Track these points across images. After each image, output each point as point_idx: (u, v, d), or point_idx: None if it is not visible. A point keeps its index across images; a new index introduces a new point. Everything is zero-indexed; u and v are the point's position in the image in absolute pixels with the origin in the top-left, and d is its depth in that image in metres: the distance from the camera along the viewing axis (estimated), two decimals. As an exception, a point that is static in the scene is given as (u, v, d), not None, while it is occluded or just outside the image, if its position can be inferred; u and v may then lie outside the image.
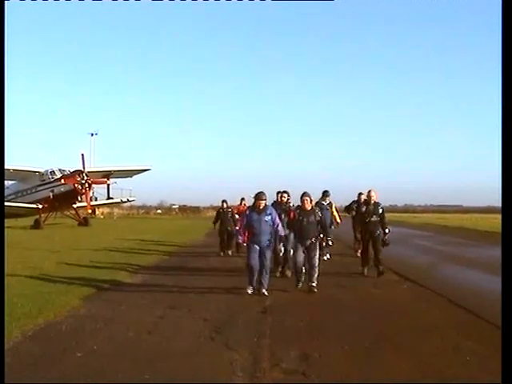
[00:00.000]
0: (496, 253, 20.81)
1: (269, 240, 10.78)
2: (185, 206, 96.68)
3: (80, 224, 44.70)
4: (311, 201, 11.51)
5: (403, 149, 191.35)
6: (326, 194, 17.76)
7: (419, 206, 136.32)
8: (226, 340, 7.19)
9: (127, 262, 16.03)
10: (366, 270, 13.44)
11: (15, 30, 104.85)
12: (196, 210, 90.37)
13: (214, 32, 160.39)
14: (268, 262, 10.79)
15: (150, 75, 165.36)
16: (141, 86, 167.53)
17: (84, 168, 42.72)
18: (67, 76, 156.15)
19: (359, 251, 17.08)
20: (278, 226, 10.83)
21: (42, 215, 42.51)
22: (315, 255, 11.16)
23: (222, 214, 19.43)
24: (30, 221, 41.19)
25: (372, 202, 13.42)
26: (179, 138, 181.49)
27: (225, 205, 19.44)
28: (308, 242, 11.16)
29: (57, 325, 8.04)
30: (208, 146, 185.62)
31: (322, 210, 13.85)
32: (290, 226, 11.79)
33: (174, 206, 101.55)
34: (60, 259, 16.52)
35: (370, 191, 13.62)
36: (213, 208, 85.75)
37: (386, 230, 13.30)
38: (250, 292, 10.52)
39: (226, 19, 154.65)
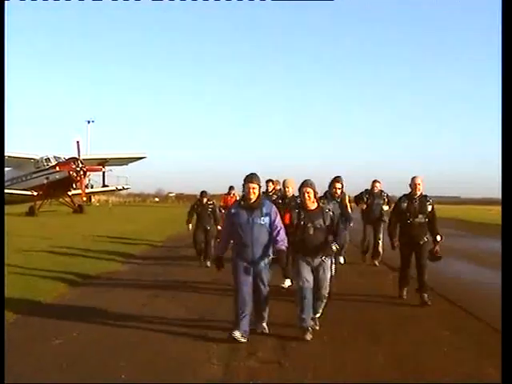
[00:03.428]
0: (486, 244, 20.93)
1: (266, 255, 7.05)
2: (182, 194, 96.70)
3: (75, 211, 44.87)
4: (316, 194, 7.36)
5: (401, 139, 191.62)
6: (337, 180, 12.12)
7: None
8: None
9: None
10: (405, 292, 9.64)
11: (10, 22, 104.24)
12: (193, 197, 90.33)
13: (212, 28, 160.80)
14: (266, 289, 7.10)
15: (146, 63, 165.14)
16: (138, 74, 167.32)
17: (79, 155, 42.67)
18: (64, 64, 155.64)
19: (367, 254, 14.36)
20: (278, 232, 6.98)
21: (37, 202, 42.48)
22: (326, 280, 7.23)
23: (199, 208, 14.39)
24: (25, 207, 41.12)
25: (418, 194, 9.35)
26: (178, 126, 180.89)
27: (204, 199, 14.39)
28: (317, 261, 7.16)
29: None
30: (207, 134, 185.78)
31: (331, 202, 10.28)
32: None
33: (170, 194, 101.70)
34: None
35: (414, 178, 9.39)
36: (211, 196, 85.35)
37: (438, 238, 9.18)
38: (241, 339, 6.71)
39: (221, 16, 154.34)
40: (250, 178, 7.05)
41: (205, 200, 14.39)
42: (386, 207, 14.03)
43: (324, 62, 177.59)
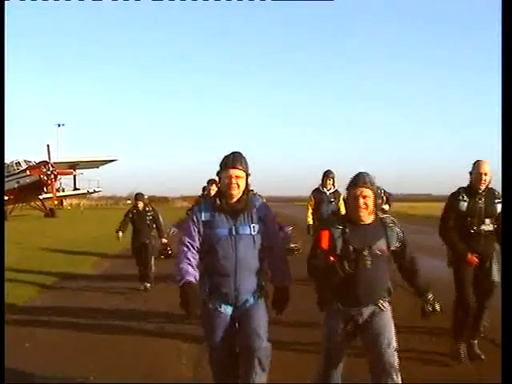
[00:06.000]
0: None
1: (259, 286, 4.32)
2: (154, 196, 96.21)
3: (46, 215, 44.59)
4: (376, 200, 4.24)
5: (375, 137, 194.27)
6: (327, 175, 10.53)
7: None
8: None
9: None
10: (463, 351, 6.06)
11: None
12: (164, 200, 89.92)
13: (196, 28, 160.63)
14: (265, 344, 4.19)
15: (116, 66, 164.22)
16: (108, 76, 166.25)
17: (49, 159, 42.30)
18: (35, 68, 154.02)
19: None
20: (278, 253, 4.44)
21: (8, 207, 41.97)
22: (391, 350, 4.12)
23: (134, 216, 10.89)
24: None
25: (482, 187, 5.97)
26: (148, 127, 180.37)
27: (140, 204, 10.84)
28: (367, 312, 4.23)
29: None
30: (180, 134, 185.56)
31: (322, 202, 10.14)
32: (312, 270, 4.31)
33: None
34: None
35: (480, 164, 5.99)
36: (182, 198, 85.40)
37: None
38: None
39: (211, 16, 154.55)
40: (232, 160, 4.23)
41: (140, 205, 10.84)
42: (386, 207, 10.95)
43: (324, 62, 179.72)
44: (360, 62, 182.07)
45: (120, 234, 10.94)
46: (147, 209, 10.90)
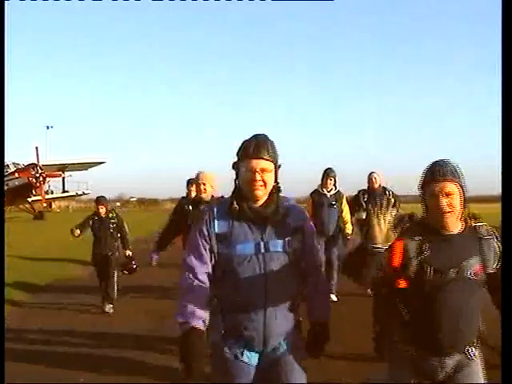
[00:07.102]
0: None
1: (294, 325, 3.01)
2: (143, 198, 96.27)
3: (35, 218, 44.45)
4: (463, 195, 2.87)
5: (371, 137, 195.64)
6: (328, 174, 9.08)
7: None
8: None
9: None
10: None
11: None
12: (154, 202, 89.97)
13: (192, 28, 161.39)
14: None
15: (106, 67, 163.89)
16: (97, 78, 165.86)
17: (38, 161, 42.31)
18: (25, 69, 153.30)
19: None
20: (317, 276, 3.12)
21: (-4, 210, 41.85)
22: None
23: (96, 224, 9.32)
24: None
25: None
26: (137, 128, 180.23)
27: (102, 210, 9.28)
28: (452, 363, 2.90)
29: None
30: (167, 135, 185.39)
31: (321, 206, 8.87)
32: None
33: (132, 199, 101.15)
34: None
35: None
36: (171, 200, 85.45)
37: None
38: None
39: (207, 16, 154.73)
40: (255, 146, 2.91)
41: (102, 211, 9.29)
42: (394, 211, 7.18)
43: (323, 62, 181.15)
44: (360, 62, 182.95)
45: (78, 231, 9.15)
46: (110, 215, 9.38)
